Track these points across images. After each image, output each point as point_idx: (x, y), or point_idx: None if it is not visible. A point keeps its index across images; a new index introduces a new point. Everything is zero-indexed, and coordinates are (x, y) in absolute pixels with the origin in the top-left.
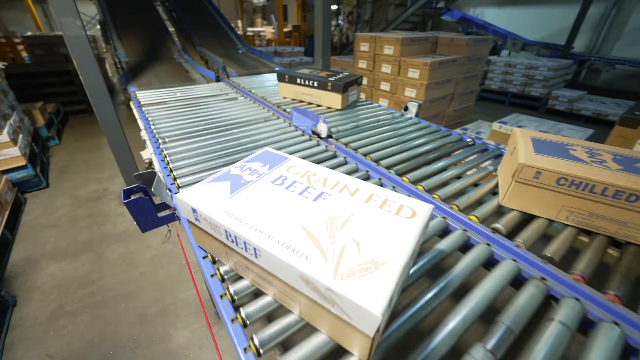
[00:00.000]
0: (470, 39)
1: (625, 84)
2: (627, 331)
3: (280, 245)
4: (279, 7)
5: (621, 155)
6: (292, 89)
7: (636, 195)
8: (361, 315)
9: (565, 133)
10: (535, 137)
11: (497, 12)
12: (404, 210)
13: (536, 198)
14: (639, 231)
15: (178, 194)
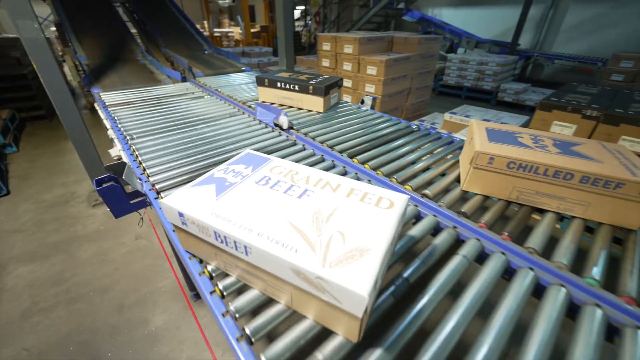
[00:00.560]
0: (422, 38)
1: (564, 76)
2: (539, 274)
3: (270, 241)
4: (245, 8)
5: (560, 140)
6: (273, 93)
7: (571, 174)
8: (350, 298)
9: (505, 120)
10: (489, 127)
11: (453, 12)
12: (382, 202)
13: (491, 181)
14: (576, 205)
15: (163, 199)
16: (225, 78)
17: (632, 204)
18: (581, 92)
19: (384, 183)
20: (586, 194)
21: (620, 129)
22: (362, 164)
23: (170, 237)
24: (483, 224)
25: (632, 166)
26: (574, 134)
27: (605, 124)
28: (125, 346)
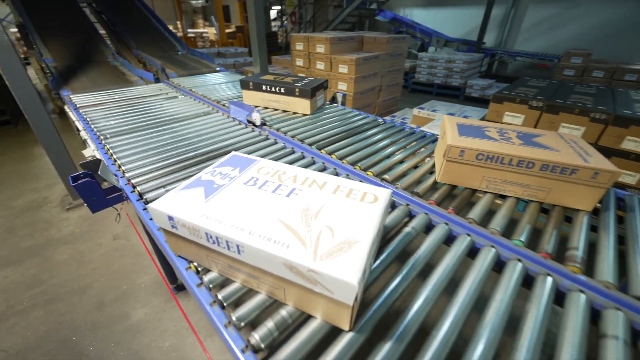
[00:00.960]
0: (390, 38)
1: (526, 72)
2: (500, 252)
3: (262, 238)
4: (219, 8)
5: (523, 133)
6: (258, 96)
7: (532, 163)
8: (341, 288)
9: (469, 113)
10: (460, 122)
11: (423, 12)
12: (367, 197)
13: (463, 172)
14: (539, 191)
15: (151, 204)
16: (200, 78)
17: (585, 187)
18: (530, 85)
19: (357, 174)
20: (547, 180)
21: (560, 117)
22: (329, 154)
23: (153, 234)
24: (452, 209)
25: (584, 154)
26: (522, 123)
27: (547, 113)
28: (106, 339)
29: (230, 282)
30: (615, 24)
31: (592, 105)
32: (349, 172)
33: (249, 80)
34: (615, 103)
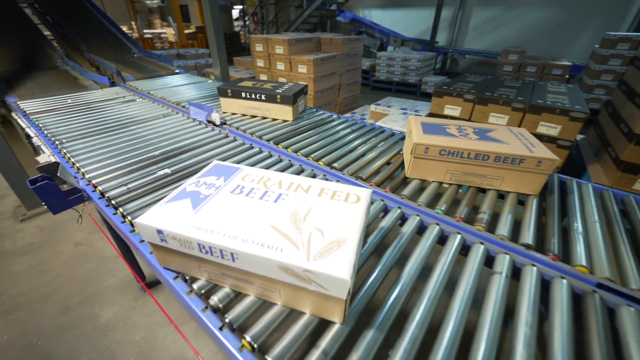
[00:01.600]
0: (345, 39)
1: (474, 69)
2: (461, 234)
3: (256, 245)
4: (176, 8)
5: (478, 128)
6: (237, 103)
7: (487, 155)
8: (335, 284)
9: (419, 108)
10: (424, 121)
11: (381, 13)
12: (350, 197)
13: (429, 167)
14: (494, 180)
15: (138, 219)
16: (159, 81)
17: (532, 174)
18: (468, 81)
19: (319, 169)
20: (500, 170)
21: (489, 108)
22: (285, 148)
23: (124, 234)
24: (422, 202)
25: (529, 145)
26: (459, 114)
27: (479, 104)
28: (75, 340)
29: (220, 288)
30: (545, 25)
31: (514, 96)
32: (313, 167)
33: (227, 88)
34: (533, 94)
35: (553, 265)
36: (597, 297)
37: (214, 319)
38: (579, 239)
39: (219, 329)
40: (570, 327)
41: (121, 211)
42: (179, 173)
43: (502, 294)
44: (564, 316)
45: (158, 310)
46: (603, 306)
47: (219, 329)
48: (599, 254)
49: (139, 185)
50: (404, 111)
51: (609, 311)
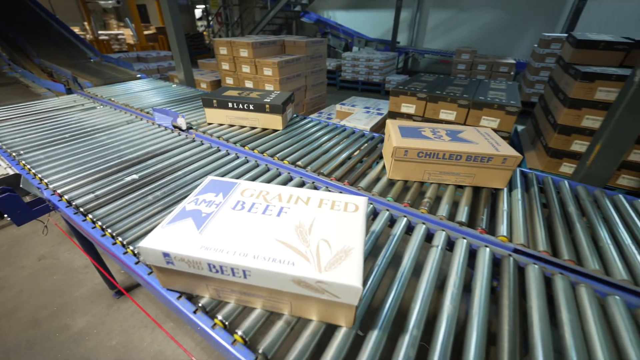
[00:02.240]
0: (308, 41)
1: (434, 67)
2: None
3: (267, 260)
4: (133, 8)
5: (450, 130)
6: (224, 114)
7: (460, 155)
8: (348, 292)
9: (381, 106)
10: (401, 125)
11: (345, 14)
12: (349, 206)
13: (409, 168)
14: (467, 177)
15: (142, 243)
16: (119, 87)
17: (498, 171)
18: (422, 80)
19: (291, 170)
20: (471, 168)
21: (439, 105)
22: (252, 150)
23: (100, 242)
24: (407, 203)
25: (495, 144)
26: (414, 111)
27: (430, 102)
28: (47, 352)
29: (225, 303)
30: (493, 26)
31: (460, 94)
32: (290, 171)
33: (212, 98)
34: (477, 92)
35: (480, 237)
36: (512, 259)
37: (225, 335)
38: (504, 215)
39: (231, 344)
40: (489, 284)
41: (91, 217)
42: (147, 178)
43: (436, 264)
44: (485, 276)
45: (133, 314)
46: (515, 266)
47: (231, 344)
48: (517, 226)
49: (107, 192)
50: (368, 110)
51: (520, 269)
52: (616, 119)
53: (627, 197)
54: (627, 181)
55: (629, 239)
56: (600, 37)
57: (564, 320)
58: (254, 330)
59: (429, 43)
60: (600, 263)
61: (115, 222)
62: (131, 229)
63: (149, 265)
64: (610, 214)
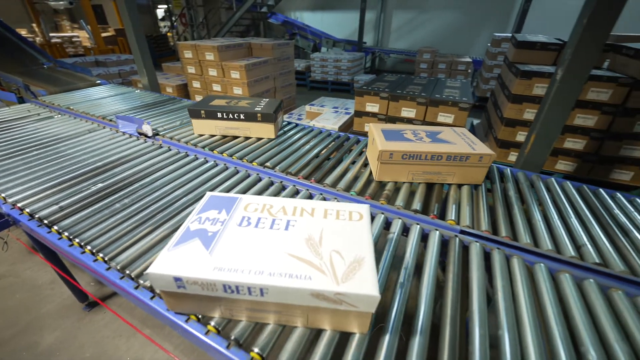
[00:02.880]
0: (275, 44)
1: (400, 66)
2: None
3: (284, 277)
4: (88, 9)
5: (429, 132)
6: (213, 124)
7: (440, 156)
8: (365, 301)
9: (349, 106)
10: (383, 128)
11: (311, 15)
12: (353, 215)
13: (394, 170)
14: (448, 176)
15: (150, 269)
16: (78, 94)
17: (475, 168)
18: (385, 80)
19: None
20: (451, 167)
21: (400, 103)
22: (221, 153)
23: (68, 253)
24: (368, 196)
25: (471, 143)
26: (378, 110)
27: (392, 101)
28: None
29: (236, 322)
30: (452, 26)
31: (419, 93)
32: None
33: (200, 109)
34: (434, 90)
35: (432, 222)
36: (457, 239)
37: (241, 353)
38: (454, 202)
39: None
40: (437, 261)
41: (57, 229)
42: (114, 186)
43: (392, 249)
44: (434, 255)
45: (106, 324)
46: (460, 245)
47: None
48: (464, 211)
49: (72, 203)
50: (336, 109)
51: (465, 248)
52: (545, 112)
53: (557, 180)
54: (563, 166)
55: (556, 215)
56: (537, 39)
57: (498, 287)
58: (270, 346)
59: (394, 43)
60: (531, 237)
61: (82, 231)
62: (101, 236)
63: (153, 289)
64: (543, 195)
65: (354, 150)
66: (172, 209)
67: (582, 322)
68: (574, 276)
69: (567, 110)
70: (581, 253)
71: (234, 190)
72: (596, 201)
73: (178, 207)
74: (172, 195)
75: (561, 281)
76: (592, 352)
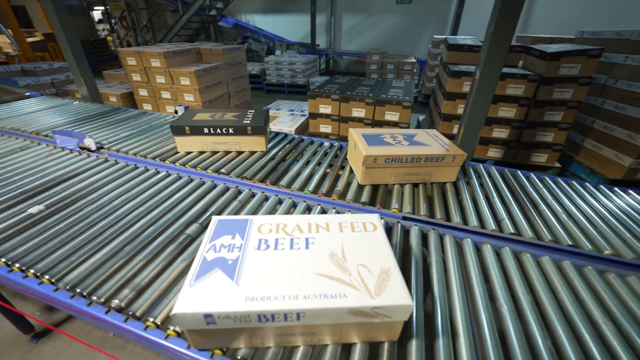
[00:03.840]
0: (225, 49)
1: (354, 67)
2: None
3: (319, 298)
4: (7, 11)
5: (406, 134)
6: (199, 140)
7: (419, 158)
8: (400, 311)
9: (304, 108)
10: (364, 133)
11: (263, 18)
12: (367, 226)
13: (378, 174)
14: (426, 175)
15: (177, 309)
16: (3, 109)
17: (450, 167)
18: (336, 82)
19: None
20: (429, 167)
21: (350, 104)
22: (173, 163)
23: (7, 279)
24: (321, 193)
25: (444, 144)
26: (331, 112)
27: (343, 102)
28: None
29: (265, 349)
30: (398, 29)
31: (367, 94)
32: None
33: (183, 125)
34: (380, 90)
35: (378, 212)
36: (400, 225)
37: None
38: (397, 193)
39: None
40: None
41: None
42: (56, 206)
43: None
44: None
45: (59, 353)
46: (402, 229)
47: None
48: (405, 200)
49: (8, 227)
50: (292, 112)
51: (406, 231)
52: (470, 107)
53: (485, 166)
54: (494, 153)
55: (482, 196)
56: (465, 41)
57: (433, 261)
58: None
59: (346, 45)
60: (461, 217)
61: (23, 255)
62: (45, 257)
63: (175, 329)
64: (472, 180)
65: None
66: (124, 222)
67: (498, 283)
68: (494, 246)
69: (487, 104)
70: (501, 226)
71: (191, 197)
72: (514, 181)
73: (130, 220)
74: (123, 209)
75: (484, 251)
76: (505, 305)
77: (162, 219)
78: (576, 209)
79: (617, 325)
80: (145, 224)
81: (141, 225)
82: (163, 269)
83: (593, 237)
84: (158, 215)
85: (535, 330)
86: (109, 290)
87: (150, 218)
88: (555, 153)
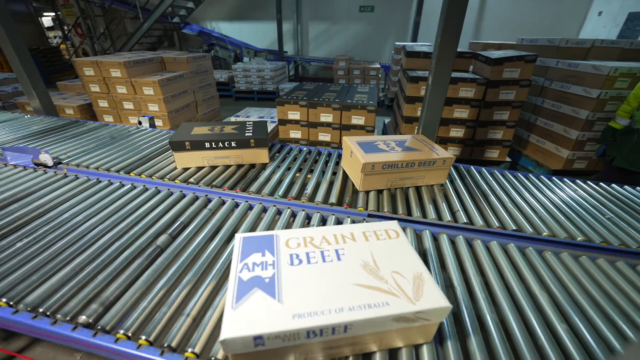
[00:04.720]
0: (190, 57)
1: (322, 73)
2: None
3: (364, 309)
4: None
5: (398, 141)
6: (200, 155)
7: (412, 163)
8: (439, 313)
9: (274, 114)
10: (359, 141)
11: (229, 25)
12: (390, 233)
13: (376, 180)
14: (419, 179)
15: (224, 334)
16: None
17: (440, 170)
18: (304, 89)
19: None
20: (422, 171)
21: (318, 110)
22: (139, 175)
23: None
24: (291, 197)
25: (433, 149)
26: (299, 118)
27: (311, 108)
28: None
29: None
30: (362, 36)
31: (333, 99)
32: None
33: (182, 140)
34: (346, 96)
35: (345, 211)
36: (365, 222)
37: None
38: (364, 194)
39: None
40: None
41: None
42: (9, 227)
43: None
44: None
45: None
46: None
47: None
48: (373, 200)
49: None
50: (262, 119)
51: None
52: (425, 110)
53: None
54: (452, 151)
55: (439, 191)
56: (421, 48)
57: None
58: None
59: (314, 51)
60: (421, 211)
61: None
62: (1, 280)
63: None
64: None
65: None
66: (87, 239)
67: (453, 268)
68: (449, 235)
69: (440, 106)
70: (456, 217)
71: (160, 207)
72: (468, 176)
73: (94, 236)
74: (86, 225)
75: (440, 241)
76: (458, 287)
77: (129, 232)
78: (520, 198)
79: (551, 295)
80: (111, 238)
81: (107, 239)
82: (133, 281)
83: (534, 222)
84: (125, 229)
85: (484, 307)
86: (75, 307)
87: (116, 232)
88: (505, 149)
